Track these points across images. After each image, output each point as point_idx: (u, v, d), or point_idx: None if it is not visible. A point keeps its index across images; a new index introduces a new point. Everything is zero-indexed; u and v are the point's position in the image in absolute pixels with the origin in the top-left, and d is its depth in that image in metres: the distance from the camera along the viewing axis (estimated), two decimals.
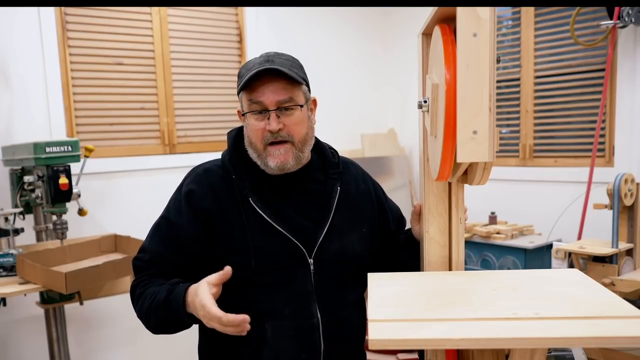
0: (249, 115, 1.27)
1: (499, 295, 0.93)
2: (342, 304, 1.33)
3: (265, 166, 1.29)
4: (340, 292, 1.33)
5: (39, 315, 2.56)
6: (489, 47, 0.82)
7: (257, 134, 1.27)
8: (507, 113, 3.34)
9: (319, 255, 1.29)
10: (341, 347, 1.33)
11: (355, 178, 1.44)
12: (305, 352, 1.27)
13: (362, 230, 1.38)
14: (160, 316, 1.22)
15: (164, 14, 3.14)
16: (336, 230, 1.32)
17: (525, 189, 3.23)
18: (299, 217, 1.31)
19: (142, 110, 3.11)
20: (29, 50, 2.71)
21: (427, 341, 0.78)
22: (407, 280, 1.08)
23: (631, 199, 2.13)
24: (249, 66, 1.28)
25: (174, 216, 1.31)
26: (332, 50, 3.83)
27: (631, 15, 2.50)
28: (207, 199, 1.28)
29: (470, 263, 3.00)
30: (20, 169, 2.43)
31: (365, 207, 1.42)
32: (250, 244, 1.25)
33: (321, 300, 1.29)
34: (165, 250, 1.29)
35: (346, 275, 1.34)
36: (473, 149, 0.83)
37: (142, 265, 1.32)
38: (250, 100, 1.26)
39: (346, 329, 1.34)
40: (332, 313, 1.30)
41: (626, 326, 0.77)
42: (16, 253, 2.22)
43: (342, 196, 1.36)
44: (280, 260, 1.26)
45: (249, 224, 1.26)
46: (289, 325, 1.26)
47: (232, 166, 1.32)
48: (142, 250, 1.34)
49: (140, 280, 1.30)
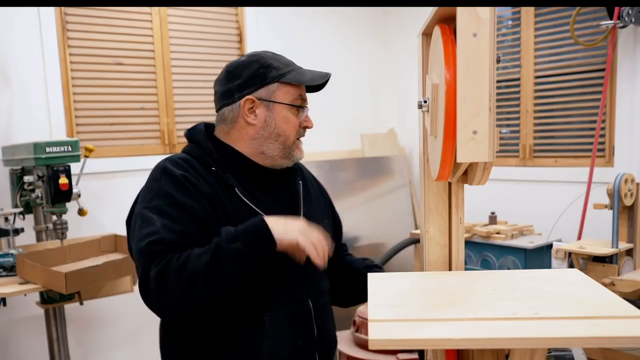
0: (286, 107, 1.33)
1: (499, 295, 0.93)
2: (323, 290, 1.41)
3: (286, 157, 1.35)
4: (319, 279, 1.40)
5: (39, 315, 2.56)
6: (489, 47, 0.82)
7: (295, 127, 1.35)
8: (507, 113, 3.34)
9: None
10: (327, 331, 1.39)
11: (308, 176, 1.53)
12: (302, 339, 1.30)
13: (324, 221, 1.45)
14: (235, 250, 1.11)
15: (164, 14, 3.15)
16: (308, 220, 1.35)
17: (525, 189, 3.23)
18: (278, 208, 1.33)
19: (142, 110, 3.11)
20: (29, 50, 2.71)
21: (427, 341, 0.78)
22: (407, 280, 1.08)
23: (631, 199, 2.13)
24: (285, 61, 1.36)
25: (181, 199, 1.19)
26: (332, 50, 3.83)
27: (631, 15, 2.50)
28: (203, 183, 1.24)
29: (470, 263, 3.00)
30: (20, 169, 2.43)
31: (321, 202, 1.51)
32: None
33: (310, 287, 1.34)
34: (187, 229, 1.16)
35: None
36: (473, 149, 0.83)
37: (162, 249, 1.13)
38: (301, 96, 1.35)
39: (328, 314, 1.42)
40: (318, 299, 1.36)
41: (626, 326, 0.77)
42: (16, 253, 2.22)
43: (304, 189, 1.44)
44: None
45: (240, 214, 1.26)
46: (284, 314, 1.28)
47: (211, 158, 1.31)
48: (155, 233, 1.15)
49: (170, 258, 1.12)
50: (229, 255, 1.12)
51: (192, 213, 1.19)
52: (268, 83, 1.31)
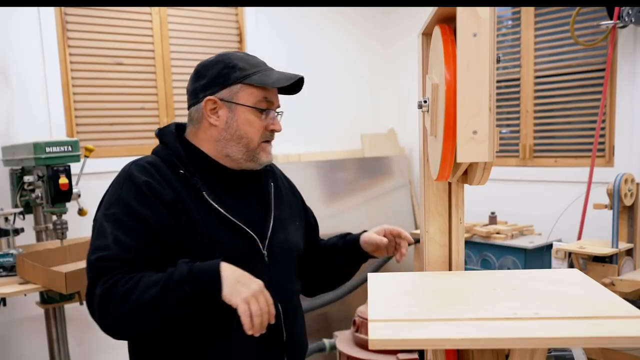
0: (249, 110, 1.29)
1: (499, 295, 0.93)
2: (292, 293, 1.40)
3: (252, 161, 1.32)
4: (290, 281, 1.40)
5: (39, 315, 2.56)
6: (489, 47, 0.82)
7: (259, 130, 1.31)
8: (507, 113, 3.34)
9: (270, 246, 1.33)
10: (296, 334, 1.38)
11: (280, 177, 1.52)
12: (271, 342, 1.29)
13: (296, 224, 1.46)
14: (182, 293, 1.11)
15: (164, 14, 3.15)
16: (279, 223, 1.38)
17: (525, 189, 3.23)
18: (247, 210, 1.33)
19: (142, 110, 3.11)
20: (29, 50, 2.71)
21: (427, 341, 0.78)
22: (407, 280, 1.08)
23: (631, 199, 2.13)
24: (252, 62, 1.32)
25: (138, 208, 1.19)
26: (332, 50, 3.83)
27: (631, 15, 2.50)
28: (166, 190, 1.22)
29: (470, 263, 3.00)
30: (20, 169, 2.43)
31: (293, 203, 1.50)
32: (210, 236, 1.24)
33: (277, 289, 1.31)
34: (139, 244, 1.17)
35: (291, 265, 1.42)
36: (473, 149, 0.83)
37: (112, 265, 1.15)
38: (266, 99, 1.31)
39: (298, 317, 1.41)
40: (287, 302, 1.35)
41: (626, 326, 0.77)
42: (16, 253, 2.22)
43: (275, 191, 1.42)
44: (238, 252, 1.27)
45: (207, 218, 1.25)
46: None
47: (180, 161, 1.30)
48: (105, 249, 1.16)
49: (118, 279, 1.13)
50: (175, 296, 1.11)
51: (148, 224, 1.18)
52: (231, 84, 1.29)
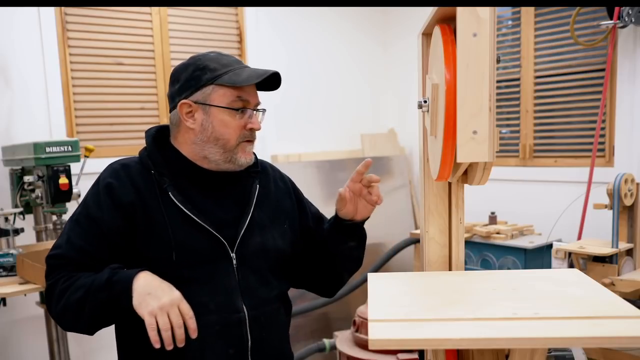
0: (223, 110, 1.28)
1: (499, 295, 0.93)
2: (266, 298, 1.35)
3: (230, 162, 1.31)
4: (264, 286, 1.34)
5: (39, 315, 2.56)
6: (489, 47, 0.82)
7: (235, 130, 1.29)
8: (507, 113, 3.34)
9: (240, 250, 1.30)
10: (268, 342, 1.33)
11: (274, 178, 1.48)
12: (233, 347, 1.27)
13: (283, 227, 1.41)
14: (100, 300, 1.16)
15: (164, 14, 3.15)
16: (257, 225, 1.35)
17: (525, 189, 3.23)
18: (220, 212, 1.31)
19: (142, 110, 3.11)
20: (29, 50, 2.71)
21: (427, 341, 0.78)
22: (407, 280, 1.08)
23: (631, 199, 2.13)
24: (223, 62, 1.31)
25: (94, 210, 1.26)
26: (332, 50, 3.83)
27: (631, 15, 2.50)
28: (127, 193, 1.26)
29: (470, 263, 3.00)
30: (20, 169, 2.43)
31: (286, 205, 1.46)
32: (172, 237, 1.24)
33: (246, 294, 1.29)
34: (87, 244, 1.24)
35: (269, 269, 1.37)
36: (473, 149, 0.83)
37: (59, 263, 1.24)
38: (239, 98, 1.29)
39: (272, 324, 1.36)
40: (257, 307, 1.31)
41: (626, 326, 0.77)
42: (16, 253, 2.22)
43: (261, 193, 1.39)
44: (202, 254, 1.26)
45: (170, 219, 1.25)
46: (215, 320, 1.25)
47: (152, 161, 1.32)
48: (58, 247, 1.27)
49: (60, 277, 1.23)
50: (94, 302, 1.17)
51: (99, 227, 1.25)
52: (202, 86, 1.29)
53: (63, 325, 1.28)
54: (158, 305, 1.11)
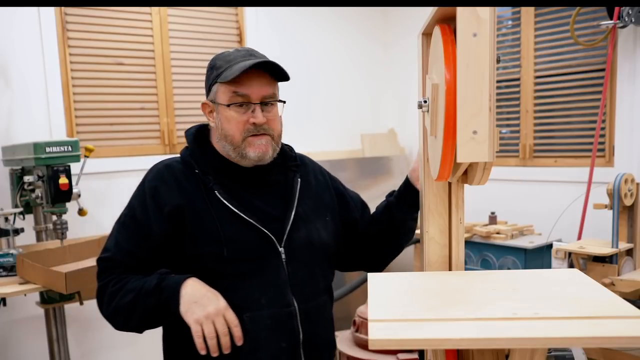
0: (227, 107, 1.29)
1: (499, 295, 0.93)
2: (315, 291, 1.36)
3: (243, 157, 1.31)
4: (312, 279, 1.36)
5: (39, 315, 2.56)
6: (489, 47, 0.82)
7: (238, 126, 1.29)
8: (507, 113, 3.34)
9: (288, 244, 1.32)
10: (317, 334, 1.35)
11: (313, 171, 1.49)
12: (285, 340, 1.28)
13: (325, 219, 1.42)
14: (149, 305, 1.20)
15: (164, 14, 3.15)
16: (301, 219, 1.35)
17: (525, 189, 3.23)
18: (265, 208, 1.32)
19: (142, 110, 3.11)
20: (29, 50, 2.71)
21: (427, 341, 0.78)
22: (407, 280, 1.08)
23: (631, 199, 2.13)
24: (229, 58, 1.30)
25: (139, 214, 1.29)
26: (332, 50, 3.83)
27: (631, 15, 2.50)
28: (173, 195, 1.28)
29: (470, 263, 3.00)
30: (20, 169, 2.43)
31: (325, 198, 1.47)
32: (221, 234, 1.25)
33: (295, 288, 1.31)
34: (134, 247, 1.28)
35: (316, 262, 1.38)
36: (473, 149, 0.83)
37: (109, 266, 1.29)
38: (236, 93, 1.28)
39: (321, 316, 1.37)
40: (307, 300, 1.32)
41: (626, 326, 0.77)
42: (16, 253, 2.22)
43: (302, 187, 1.40)
44: (252, 250, 1.28)
45: (218, 216, 1.27)
46: (267, 314, 1.26)
47: (195, 161, 1.33)
48: (107, 250, 1.31)
49: (111, 279, 1.27)
50: (144, 306, 1.21)
51: (144, 230, 1.27)
52: (211, 85, 1.32)
53: (115, 326, 1.31)
54: (204, 314, 1.14)
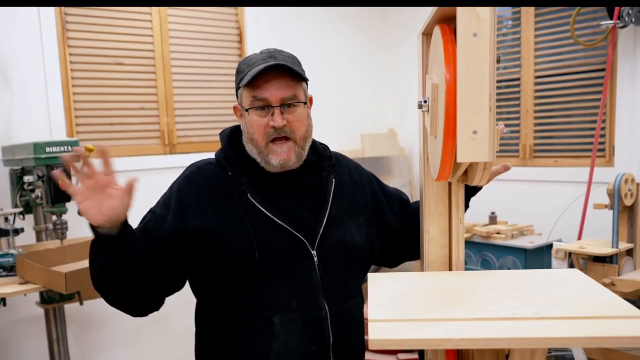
0: (251, 111, 1.28)
1: (499, 295, 0.93)
2: (346, 294, 1.34)
3: (267, 163, 1.29)
4: (344, 282, 1.34)
5: (39, 315, 2.56)
6: (489, 47, 0.82)
7: (259, 130, 1.28)
8: (507, 113, 3.34)
9: (321, 247, 1.30)
10: (347, 338, 1.33)
11: (348, 170, 1.47)
12: (315, 344, 1.26)
13: (358, 220, 1.40)
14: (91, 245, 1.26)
15: (164, 14, 3.14)
16: (335, 221, 1.33)
17: (525, 189, 3.23)
18: (298, 210, 1.31)
19: (142, 110, 3.11)
20: (29, 50, 2.71)
21: (427, 341, 0.78)
22: (407, 280, 1.08)
23: (631, 199, 2.13)
24: (251, 62, 1.29)
25: (160, 209, 1.30)
26: (332, 50, 3.83)
27: (631, 15, 2.50)
28: (201, 197, 1.29)
29: (470, 263, 3.00)
30: (20, 169, 2.43)
31: (359, 198, 1.44)
32: (253, 237, 1.25)
33: (327, 291, 1.29)
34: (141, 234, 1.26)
35: (348, 265, 1.36)
36: (473, 149, 0.83)
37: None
38: (255, 97, 1.27)
39: (352, 320, 1.35)
40: (338, 304, 1.30)
41: (626, 326, 0.77)
42: (16, 253, 2.22)
43: (337, 187, 1.38)
44: (284, 253, 1.27)
45: (250, 219, 1.26)
46: (297, 317, 1.25)
47: (228, 163, 1.33)
48: None
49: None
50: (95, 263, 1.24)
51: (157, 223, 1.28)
52: (237, 90, 1.34)
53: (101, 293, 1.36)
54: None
